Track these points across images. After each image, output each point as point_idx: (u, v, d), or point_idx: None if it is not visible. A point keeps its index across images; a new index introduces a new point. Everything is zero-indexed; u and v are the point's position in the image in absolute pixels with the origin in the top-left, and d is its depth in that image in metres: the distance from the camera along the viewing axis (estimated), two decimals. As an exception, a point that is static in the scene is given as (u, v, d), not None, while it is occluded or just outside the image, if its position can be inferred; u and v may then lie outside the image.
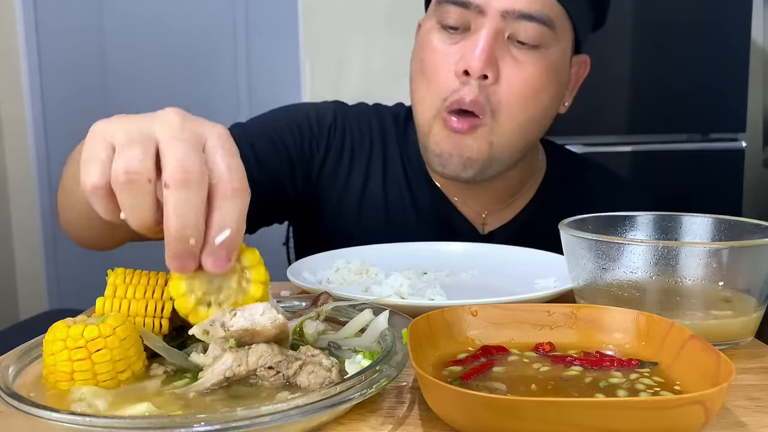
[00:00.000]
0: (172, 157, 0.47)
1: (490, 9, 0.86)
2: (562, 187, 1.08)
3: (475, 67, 0.86)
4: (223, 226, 0.48)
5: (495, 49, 0.87)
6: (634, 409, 0.42)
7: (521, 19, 0.86)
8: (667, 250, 0.60)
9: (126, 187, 0.47)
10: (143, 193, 0.48)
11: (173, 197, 0.47)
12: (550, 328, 0.58)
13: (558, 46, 0.91)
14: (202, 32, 2.64)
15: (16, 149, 2.71)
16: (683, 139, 2.17)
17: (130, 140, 0.48)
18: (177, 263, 0.49)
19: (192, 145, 0.48)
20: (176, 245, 0.48)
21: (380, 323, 0.57)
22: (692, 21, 2.11)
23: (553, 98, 0.94)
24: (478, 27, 0.88)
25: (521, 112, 0.90)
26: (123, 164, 0.47)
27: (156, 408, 0.46)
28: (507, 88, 0.88)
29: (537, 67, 0.89)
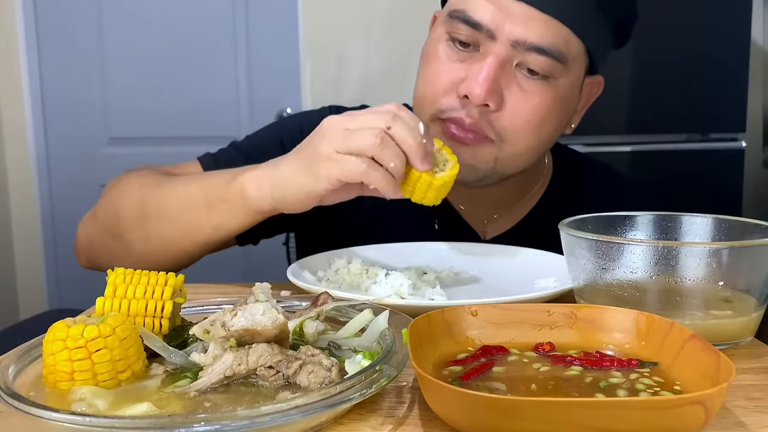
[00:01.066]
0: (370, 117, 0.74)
1: (501, 35, 0.83)
2: (568, 194, 1.05)
3: (476, 95, 0.83)
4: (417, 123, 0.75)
5: (500, 77, 0.84)
6: (634, 409, 0.42)
7: (532, 51, 0.83)
8: (667, 250, 0.60)
9: (384, 144, 0.72)
10: (391, 142, 0.73)
11: (398, 127, 0.73)
12: (550, 328, 0.58)
13: (568, 76, 0.87)
14: (202, 32, 2.64)
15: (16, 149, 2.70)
16: (683, 139, 2.17)
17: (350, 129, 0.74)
18: (428, 159, 0.75)
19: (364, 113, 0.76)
20: (423, 148, 0.74)
21: (380, 323, 0.57)
22: (692, 21, 2.11)
23: (558, 126, 0.91)
24: (486, 51, 0.84)
25: (525, 140, 0.88)
26: (368, 138, 0.72)
27: (156, 408, 0.46)
28: (511, 117, 0.85)
29: (543, 98, 0.86)
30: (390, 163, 0.73)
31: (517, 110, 0.85)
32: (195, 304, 0.64)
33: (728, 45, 2.11)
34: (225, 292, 0.85)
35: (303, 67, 2.60)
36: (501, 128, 0.86)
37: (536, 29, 0.82)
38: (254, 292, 0.57)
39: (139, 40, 2.65)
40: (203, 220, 0.86)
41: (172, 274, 0.58)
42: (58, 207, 2.74)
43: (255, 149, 1.03)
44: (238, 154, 1.02)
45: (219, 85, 2.67)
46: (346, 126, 0.75)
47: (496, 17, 0.83)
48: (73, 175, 2.68)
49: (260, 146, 1.03)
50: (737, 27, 2.11)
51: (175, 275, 0.58)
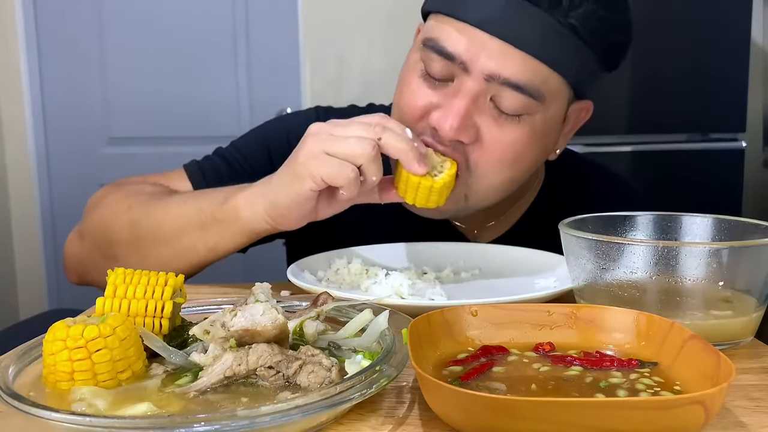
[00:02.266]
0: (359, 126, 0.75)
1: (475, 69, 0.79)
2: (562, 195, 1.04)
3: (447, 130, 0.79)
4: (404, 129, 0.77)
5: (473, 112, 0.80)
6: (634, 409, 0.42)
7: (506, 86, 0.78)
8: (667, 250, 0.60)
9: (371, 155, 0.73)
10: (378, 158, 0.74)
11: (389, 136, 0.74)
12: (550, 328, 0.58)
13: (546, 112, 0.83)
14: (202, 32, 2.64)
15: (16, 149, 2.70)
16: (683, 139, 2.17)
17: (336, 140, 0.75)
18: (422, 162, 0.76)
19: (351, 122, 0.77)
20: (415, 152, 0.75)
21: (380, 323, 0.57)
22: (692, 21, 2.11)
23: (536, 159, 0.88)
24: (459, 85, 0.80)
25: (499, 174, 0.84)
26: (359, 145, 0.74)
27: (156, 408, 0.46)
28: (485, 150, 0.82)
29: (519, 134, 0.82)
30: (373, 177, 0.74)
31: (490, 146, 0.82)
32: (195, 304, 0.64)
33: (728, 45, 2.11)
34: (225, 292, 0.85)
35: (303, 67, 2.60)
36: (473, 161, 0.83)
37: (511, 65, 0.78)
38: (254, 292, 0.57)
39: (139, 40, 2.65)
40: (198, 241, 0.85)
41: (172, 274, 0.58)
42: (58, 207, 2.74)
43: (239, 157, 1.02)
44: (223, 164, 1.01)
45: (219, 85, 2.67)
46: (334, 132, 0.75)
47: (471, 49, 0.79)
48: (73, 175, 2.68)
49: (245, 153, 1.03)
50: (737, 27, 2.11)
51: (175, 275, 0.58)
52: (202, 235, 0.85)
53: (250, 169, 1.01)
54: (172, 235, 0.87)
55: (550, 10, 0.77)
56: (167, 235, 0.87)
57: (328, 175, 0.74)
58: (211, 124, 2.64)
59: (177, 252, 0.87)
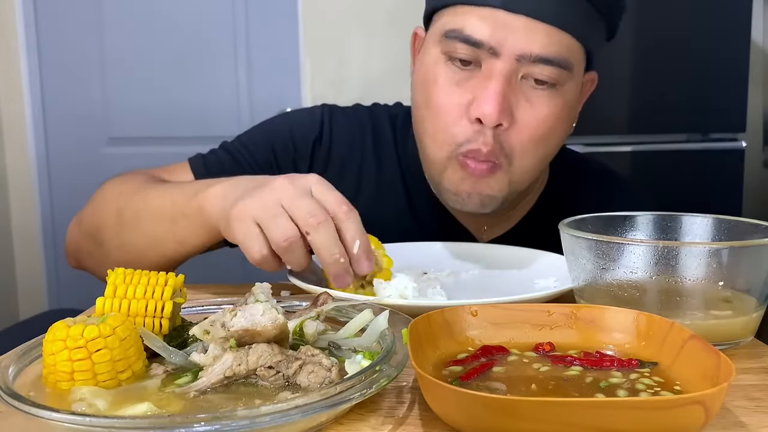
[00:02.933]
0: (303, 211, 0.69)
1: (505, 51, 0.81)
2: (565, 194, 1.05)
3: (489, 116, 0.81)
4: (354, 239, 0.70)
5: (509, 93, 0.82)
6: (634, 409, 0.42)
7: (537, 62, 0.81)
8: (667, 250, 0.60)
9: (288, 249, 0.70)
10: (300, 247, 0.70)
11: (317, 237, 0.69)
12: (550, 328, 0.58)
13: (573, 81, 0.86)
14: (202, 32, 2.64)
15: (16, 149, 2.70)
16: (683, 139, 2.17)
17: (270, 215, 0.70)
18: (340, 281, 0.71)
19: (307, 197, 0.70)
20: (334, 267, 0.70)
21: (380, 323, 0.57)
22: (692, 21, 2.11)
23: (566, 130, 0.91)
24: (490, 69, 0.82)
25: (534, 153, 0.87)
26: (279, 234, 0.69)
27: (156, 408, 0.46)
28: (520, 132, 0.84)
29: (551, 107, 0.85)
30: (287, 266, 0.74)
31: (526, 124, 0.84)
32: (195, 304, 0.64)
33: (728, 45, 2.11)
34: (225, 292, 0.85)
35: (303, 67, 2.60)
36: (510, 148, 0.85)
37: (539, 40, 0.81)
38: (254, 292, 0.57)
39: (139, 41, 2.65)
40: (168, 234, 0.85)
41: (172, 274, 0.58)
42: (58, 207, 2.74)
43: (244, 151, 1.02)
44: (227, 158, 1.02)
45: (219, 85, 2.67)
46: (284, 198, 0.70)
47: (497, 33, 0.81)
48: (74, 175, 2.68)
49: (249, 148, 1.03)
50: (737, 27, 2.11)
51: (175, 275, 0.58)
52: (171, 227, 0.84)
53: (255, 163, 1.01)
54: (148, 224, 0.87)
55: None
56: (143, 225, 0.87)
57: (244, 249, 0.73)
58: (211, 124, 2.64)
59: (150, 243, 0.87)
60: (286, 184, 0.71)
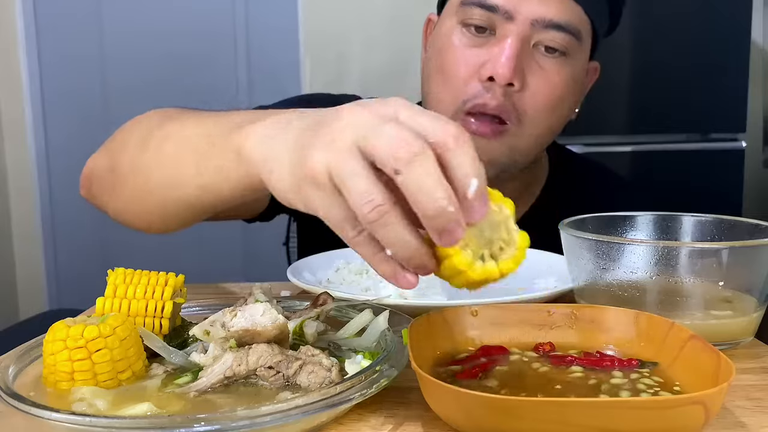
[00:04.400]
0: (385, 146, 0.44)
1: (519, 16, 0.84)
2: (563, 194, 1.05)
3: (502, 74, 0.83)
4: (467, 176, 0.45)
5: (522, 56, 0.84)
6: (634, 409, 0.42)
7: (550, 28, 0.84)
8: (667, 250, 0.60)
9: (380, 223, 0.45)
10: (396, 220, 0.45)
11: (411, 178, 0.44)
12: (550, 328, 0.58)
13: (581, 55, 0.90)
14: (202, 32, 2.64)
15: (16, 149, 2.70)
16: (683, 139, 2.17)
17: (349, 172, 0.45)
18: (448, 238, 0.46)
19: (391, 125, 0.45)
20: (438, 221, 0.45)
21: (380, 323, 0.57)
22: (692, 21, 2.11)
23: (572, 106, 0.93)
24: (504, 32, 0.85)
25: (545, 120, 0.89)
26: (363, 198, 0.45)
27: (156, 408, 0.46)
28: (532, 97, 0.86)
29: (562, 76, 0.87)
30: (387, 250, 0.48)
31: (538, 89, 0.86)
32: (195, 304, 0.64)
33: (728, 45, 2.11)
34: (225, 292, 0.85)
35: (303, 67, 2.60)
36: (522, 109, 0.87)
37: (553, 6, 0.84)
38: (254, 292, 0.57)
39: (139, 40, 2.65)
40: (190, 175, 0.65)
41: (172, 274, 0.58)
42: (58, 207, 2.74)
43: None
44: None
45: (219, 85, 2.67)
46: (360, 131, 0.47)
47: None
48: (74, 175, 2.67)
49: None
50: (737, 27, 2.11)
51: (175, 275, 0.58)
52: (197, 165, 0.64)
53: None
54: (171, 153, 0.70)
55: None
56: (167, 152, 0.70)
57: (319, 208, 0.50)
58: (211, 124, 2.64)
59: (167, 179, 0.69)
60: (360, 110, 0.48)
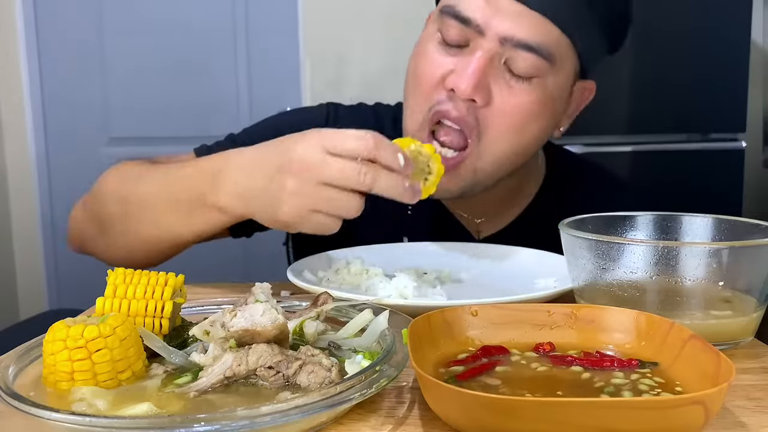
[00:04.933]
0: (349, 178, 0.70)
1: (489, 31, 0.82)
2: (561, 193, 1.05)
3: (463, 89, 0.82)
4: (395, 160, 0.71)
5: (488, 72, 0.83)
6: (634, 409, 0.42)
7: (520, 48, 0.82)
8: (667, 250, 0.60)
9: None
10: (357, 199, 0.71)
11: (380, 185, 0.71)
12: (550, 328, 0.58)
13: (556, 76, 0.86)
14: (202, 32, 2.64)
15: (16, 149, 2.70)
16: (683, 139, 2.17)
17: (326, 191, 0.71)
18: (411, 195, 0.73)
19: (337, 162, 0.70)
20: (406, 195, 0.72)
21: (380, 323, 0.57)
22: (692, 21, 2.11)
23: (544, 128, 0.90)
24: (475, 47, 0.84)
25: (509, 139, 0.86)
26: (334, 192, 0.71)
27: (156, 408, 0.46)
28: (496, 114, 0.84)
29: (531, 96, 0.85)
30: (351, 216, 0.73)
31: (503, 107, 0.84)
32: (195, 304, 0.64)
33: (728, 45, 2.11)
34: (225, 292, 0.85)
35: (303, 67, 2.60)
36: (484, 124, 0.85)
37: (525, 26, 0.82)
38: (254, 292, 0.57)
39: (139, 40, 2.65)
40: (183, 226, 0.84)
41: (173, 274, 0.58)
42: (58, 207, 2.74)
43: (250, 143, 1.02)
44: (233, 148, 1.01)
45: (219, 84, 2.67)
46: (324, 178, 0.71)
47: (486, 12, 0.82)
48: (73, 175, 2.68)
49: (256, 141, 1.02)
50: (737, 27, 2.11)
51: (175, 275, 0.58)
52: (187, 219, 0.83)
53: None
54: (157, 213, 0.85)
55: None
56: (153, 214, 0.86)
57: (311, 230, 0.74)
58: (211, 124, 2.64)
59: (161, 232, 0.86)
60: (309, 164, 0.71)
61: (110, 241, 0.92)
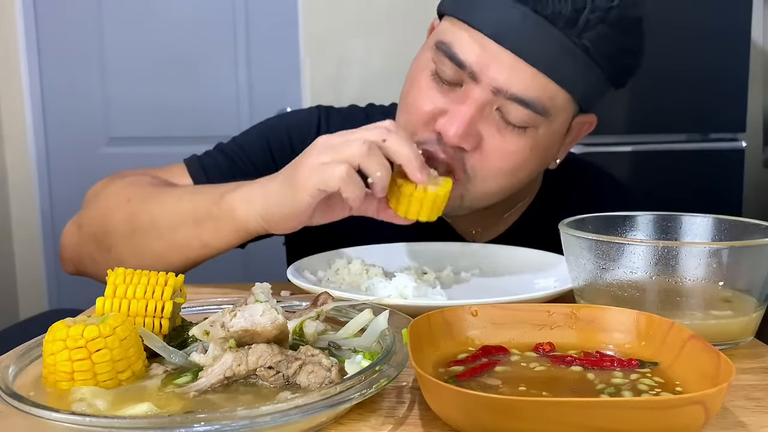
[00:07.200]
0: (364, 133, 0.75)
1: (484, 79, 0.79)
2: (559, 196, 1.05)
3: (451, 136, 0.80)
4: None
5: (478, 120, 0.81)
6: (634, 409, 0.42)
7: (513, 100, 0.79)
8: (667, 250, 0.60)
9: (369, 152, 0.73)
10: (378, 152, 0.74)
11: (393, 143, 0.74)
12: (550, 328, 0.58)
13: (550, 126, 0.84)
14: (202, 32, 2.64)
15: (16, 149, 2.70)
16: (683, 139, 2.17)
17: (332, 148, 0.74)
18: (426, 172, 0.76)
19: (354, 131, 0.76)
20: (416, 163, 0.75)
21: (380, 323, 0.57)
22: (692, 21, 2.11)
23: (535, 169, 0.90)
24: (467, 92, 0.81)
25: (496, 181, 0.86)
26: (355, 145, 0.73)
27: (156, 408, 0.46)
28: (484, 158, 0.83)
29: (520, 146, 0.83)
30: (376, 172, 0.73)
31: (491, 154, 0.83)
32: (195, 304, 0.64)
33: (728, 45, 2.11)
34: (225, 292, 0.85)
35: (303, 67, 2.60)
36: (471, 169, 0.84)
37: (520, 80, 0.79)
38: (254, 292, 0.57)
39: (139, 40, 2.65)
40: (192, 237, 0.85)
41: (172, 274, 0.58)
42: (58, 207, 2.74)
43: (240, 152, 1.02)
44: (224, 159, 1.01)
45: (219, 84, 2.67)
46: (335, 141, 0.75)
47: (481, 60, 0.79)
48: (73, 175, 2.68)
49: (246, 149, 1.02)
50: (737, 27, 2.11)
51: (175, 275, 0.58)
52: (196, 231, 0.85)
53: (251, 165, 1.01)
54: (167, 229, 0.87)
55: (564, 29, 0.77)
56: (162, 230, 0.87)
57: (322, 183, 0.74)
58: (211, 124, 2.64)
59: (171, 247, 0.87)
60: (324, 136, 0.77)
61: (115, 259, 0.90)
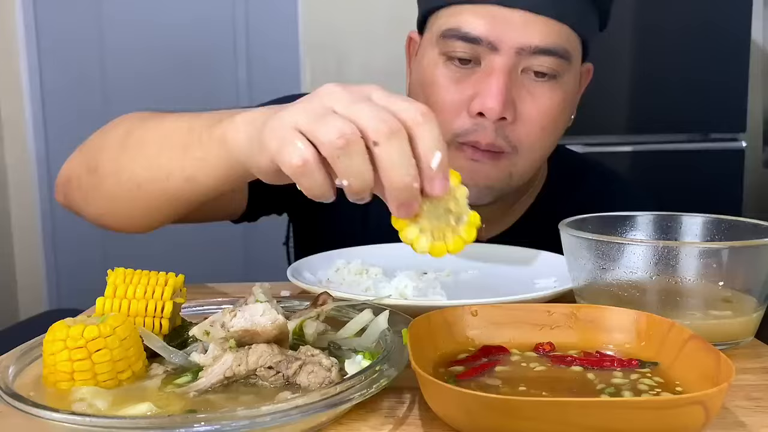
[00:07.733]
0: (366, 117, 0.50)
1: (504, 45, 0.81)
2: (563, 194, 1.05)
3: (492, 110, 0.81)
4: (431, 150, 0.50)
5: (510, 87, 0.82)
6: (634, 409, 0.42)
7: (537, 54, 0.82)
8: (667, 250, 0.60)
9: (344, 151, 0.49)
10: (361, 153, 0.50)
11: (386, 150, 0.49)
12: (550, 328, 0.58)
13: (572, 72, 0.88)
14: (202, 32, 2.64)
15: (16, 149, 2.71)
16: (683, 139, 2.17)
17: (316, 116, 0.51)
18: (405, 210, 0.52)
19: (368, 102, 0.51)
20: (402, 193, 0.51)
21: (380, 323, 0.57)
22: (692, 21, 2.11)
23: (566, 122, 0.93)
24: (490, 64, 0.82)
25: (541, 145, 0.88)
26: (332, 131, 0.49)
27: (156, 408, 0.46)
28: (525, 126, 0.85)
29: (553, 99, 0.86)
30: (344, 180, 0.51)
31: (530, 118, 0.85)
32: (195, 304, 0.64)
33: (728, 45, 2.11)
34: (225, 292, 0.85)
35: (303, 67, 2.60)
36: (516, 140, 0.85)
37: (538, 32, 0.82)
38: (254, 292, 0.57)
39: (139, 40, 2.65)
40: (176, 167, 0.72)
41: (172, 274, 0.58)
42: (58, 207, 2.73)
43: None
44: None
45: (219, 85, 2.67)
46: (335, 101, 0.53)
47: (495, 28, 0.81)
48: (73, 175, 2.68)
49: None
50: (737, 27, 2.11)
51: (175, 275, 0.58)
52: (181, 157, 0.71)
53: None
54: (153, 148, 0.76)
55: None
56: (148, 148, 0.76)
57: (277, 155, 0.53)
58: (211, 124, 2.64)
59: (151, 171, 0.76)
60: (336, 90, 0.54)
61: (96, 182, 0.82)
